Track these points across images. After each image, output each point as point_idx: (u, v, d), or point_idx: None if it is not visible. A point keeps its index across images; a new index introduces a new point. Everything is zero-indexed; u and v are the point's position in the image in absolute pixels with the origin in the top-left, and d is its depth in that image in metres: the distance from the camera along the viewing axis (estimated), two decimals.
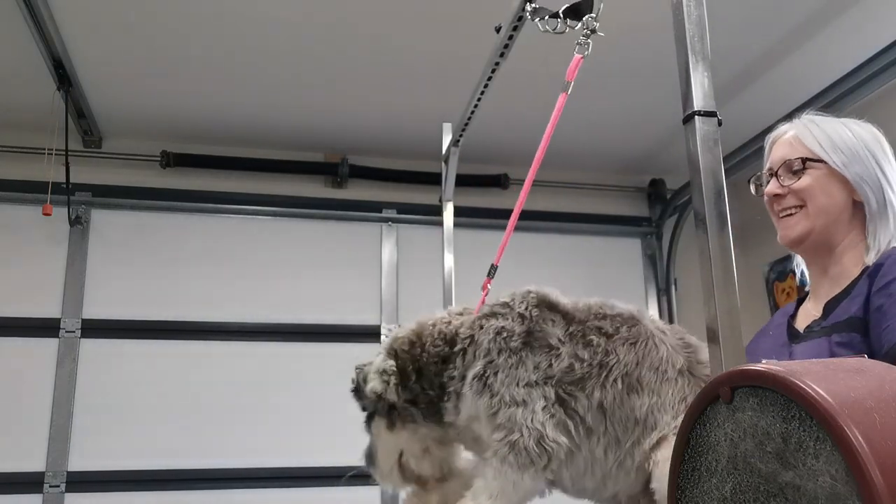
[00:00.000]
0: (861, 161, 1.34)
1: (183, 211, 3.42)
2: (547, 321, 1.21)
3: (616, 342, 1.18)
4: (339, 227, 3.58)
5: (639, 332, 1.20)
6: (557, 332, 1.19)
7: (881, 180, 1.34)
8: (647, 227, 3.93)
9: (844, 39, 2.72)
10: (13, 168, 3.23)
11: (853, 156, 1.34)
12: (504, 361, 1.18)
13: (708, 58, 0.93)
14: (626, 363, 1.16)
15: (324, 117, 3.34)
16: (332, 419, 3.30)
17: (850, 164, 1.34)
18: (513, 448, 1.12)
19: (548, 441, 1.12)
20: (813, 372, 0.64)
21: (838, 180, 1.34)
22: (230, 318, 3.34)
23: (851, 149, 1.35)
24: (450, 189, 2.21)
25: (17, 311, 3.14)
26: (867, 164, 1.34)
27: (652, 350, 1.18)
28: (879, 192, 1.34)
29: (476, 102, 1.92)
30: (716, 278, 0.86)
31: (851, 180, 1.34)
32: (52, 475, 3.01)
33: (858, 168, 1.34)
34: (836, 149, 1.35)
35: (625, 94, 3.13)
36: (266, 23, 2.63)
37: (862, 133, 1.38)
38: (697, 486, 0.72)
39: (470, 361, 1.23)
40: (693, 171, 0.90)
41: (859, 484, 0.55)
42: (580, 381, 1.16)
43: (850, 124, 1.39)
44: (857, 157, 1.34)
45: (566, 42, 1.44)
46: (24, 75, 2.87)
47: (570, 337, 1.19)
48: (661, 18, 1.01)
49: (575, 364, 1.16)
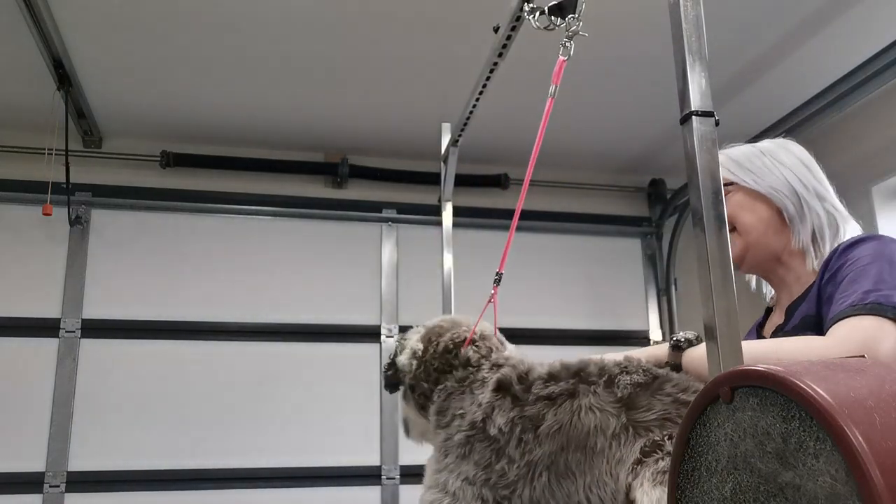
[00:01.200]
0: (770, 172, 1.43)
1: (183, 211, 3.42)
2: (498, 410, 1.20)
3: (541, 434, 1.14)
4: (339, 227, 3.58)
5: (565, 411, 1.14)
6: (500, 422, 1.18)
7: (793, 184, 1.41)
8: (647, 227, 3.93)
9: (844, 39, 2.72)
10: (13, 168, 3.23)
11: (761, 170, 1.43)
12: (456, 448, 1.21)
13: (705, 58, 0.93)
14: (551, 453, 1.13)
15: (324, 117, 3.34)
16: (332, 419, 3.31)
17: (760, 179, 1.43)
18: None
19: None
20: (813, 372, 0.64)
21: (756, 197, 1.43)
22: (230, 318, 3.34)
23: (758, 165, 1.44)
24: (449, 189, 2.22)
25: (17, 311, 3.14)
26: (776, 174, 1.42)
27: (577, 427, 1.12)
28: (794, 197, 1.41)
29: (475, 102, 1.92)
30: (714, 278, 0.86)
31: (765, 192, 1.42)
32: (52, 475, 3.01)
33: (769, 179, 1.42)
34: (743, 169, 1.44)
35: (625, 94, 3.13)
36: (266, 23, 2.63)
37: (769, 147, 1.48)
38: (697, 486, 0.72)
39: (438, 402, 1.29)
40: (691, 171, 0.90)
41: (859, 484, 0.55)
42: (512, 483, 1.14)
43: (760, 144, 1.49)
44: (765, 171, 1.43)
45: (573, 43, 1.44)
46: (24, 75, 2.87)
47: (511, 426, 1.17)
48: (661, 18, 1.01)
49: (506, 468, 1.15)
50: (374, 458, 3.33)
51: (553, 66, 1.42)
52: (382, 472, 3.32)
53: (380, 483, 3.30)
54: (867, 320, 1.15)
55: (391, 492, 3.30)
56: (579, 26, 1.41)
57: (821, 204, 1.41)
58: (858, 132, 3.05)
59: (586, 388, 1.15)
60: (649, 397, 1.11)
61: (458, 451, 1.19)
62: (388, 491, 3.30)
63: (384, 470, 3.32)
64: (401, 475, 3.32)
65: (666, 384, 1.12)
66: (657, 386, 1.12)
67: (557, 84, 1.43)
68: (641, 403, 1.10)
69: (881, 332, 1.12)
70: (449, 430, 1.23)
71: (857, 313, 1.16)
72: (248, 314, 3.36)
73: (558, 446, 1.12)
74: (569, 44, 1.42)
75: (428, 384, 1.33)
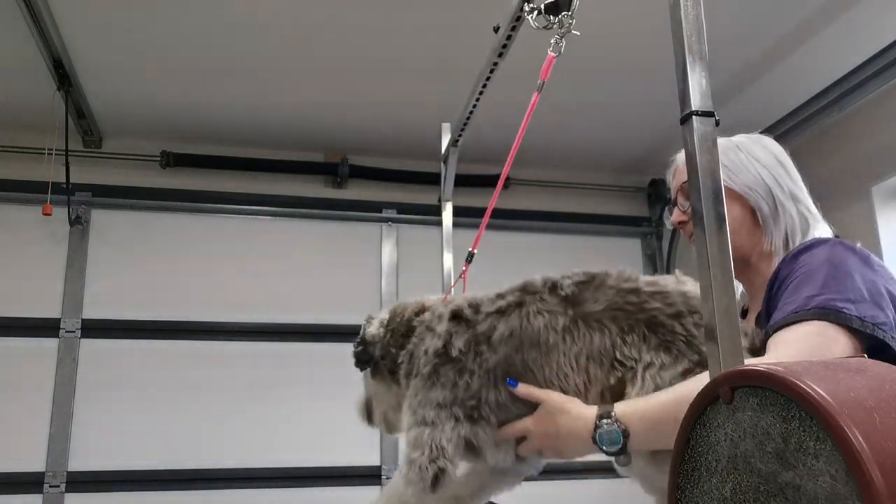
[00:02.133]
0: (746, 170, 1.35)
1: (183, 211, 3.42)
2: (455, 335, 1.25)
3: (494, 342, 1.21)
4: (339, 227, 3.58)
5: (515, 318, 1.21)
6: (459, 344, 1.23)
7: (769, 184, 1.34)
8: (647, 227, 3.93)
9: (844, 39, 2.72)
10: (13, 168, 3.23)
11: (737, 167, 1.35)
12: (422, 382, 1.24)
13: (705, 57, 0.93)
14: (506, 356, 1.19)
15: (324, 117, 3.34)
16: (332, 419, 3.31)
17: (735, 176, 1.35)
18: (411, 466, 1.18)
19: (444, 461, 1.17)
20: (813, 372, 0.64)
21: (730, 195, 1.31)
22: (230, 318, 3.34)
23: (734, 161, 1.36)
24: (449, 189, 2.21)
25: (17, 311, 3.15)
26: (752, 172, 1.35)
27: (527, 329, 1.19)
28: (769, 197, 1.34)
29: (475, 102, 1.92)
30: (714, 278, 0.85)
31: (740, 191, 1.34)
32: (52, 475, 3.01)
33: (744, 177, 1.35)
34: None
35: (625, 94, 3.13)
36: (266, 23, 2.63)
37: (746, 143, 1.39)
38: (697, 486, 0.72)
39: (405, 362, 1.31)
40: (691, 172, 0.90)
41: (859, 484, 0.55)
42: (476, 393, 1.20)
43: (736, 139, 1.41)
44: (741, 167, 1.35)
45: (565, 43, 1.44)
46: (24, 75, 2.87)
47: (468, 346, 1.23)
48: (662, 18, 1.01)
49: (469, 380, 1.20)
50: (374, 458, 3.34)
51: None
52: (382, 472, 3.32)
53: (380, 483, 3.30)
54: (809, 325, 1.08)
55: None
56: (572, 23, 1.41)
57: (795, 205, 1.34)
58: (858, 132, 3.05)
59: (532, 297, 1.22)
60: (593, 292, 1.19)
61: (427, 383, 1.23)
62: None
63: (384, 470, 3.32)
64: None
65: (607, 279, 1.20)
66: (598, 282, 1.20)
67: (545, 80, 1.42)
68: (586, 298, 1.18)
69: (823, 339, 1.06)
70: (418, 369, 1.27)
71: (799, 319, 1.09)
72: (248, 314, 3.36)
73: (512, 349, 1.19)
74: (561, 41, 1.41)
75: (395, 349, 1.35)
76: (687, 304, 1.14)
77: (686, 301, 1.14)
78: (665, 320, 1.13)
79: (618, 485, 1.39)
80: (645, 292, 1.17)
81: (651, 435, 1.07)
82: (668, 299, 1.15)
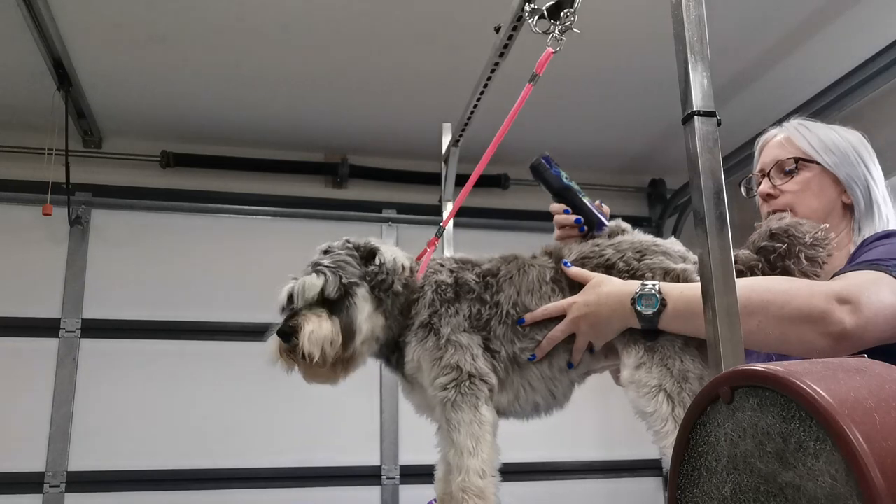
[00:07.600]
0: (850, 162, 1.39)
1: (183, 211, 3.42)
2: (464, 270, 1.36)
3: (501, 278, 1.33)
4: (339, 227, 3.58)
5: (513, 266, 1.35)
6: (472, 278, 1.34)
7: (869, 181, 1.39)
8: (646, 228, 3.93)
9: (844, 39, 2.72)
10: (13, 168, 3.23)
11: (843, 157, 1.39)
12: (445, 311, 1.31)
13: (707, 58, 0.93)
14: (509, 296, 1.31)
15: (324, 117, 3.34)
16: (332, 419, 3.31)
17: (841, 165, 1.39)
18: (459, 389, 1.23)
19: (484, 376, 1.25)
20: (813, 372, 0.64)
21: (830, 181, 1.39)
22: (230, 318, 3.33)
23: (842, 150, 1.40)
24: (450, 189, 2.21)
25: (17, 311, 3.14)
26: (856, 166, 1.39)
27: (524, 277, 1.32)
28: (867, 193, 1.38)
29: (476, 102, 1.92)
30: (715, 278, 0.86)
31: (843, 181, 1.39)
32: (52, 475, 3.01)
33: (848, 169, 1.39)
34: (827, 150, 1.40)
35: (625, 94, 3.13)
36: (266, 23, 2.63)
37: (849, 136, 1.43)
38: (697, 486, 0.72)
39: (418, 311, 1.34)
40: (692, 171, 0.90)
41: (859, 484, 0.55)
42: (486, 323, 1.29)
43: (837, 129, 1.45)
44: (846, 159, 1.39)
45: (566, 42, 1.44)
46: (24, 75, 2.87)
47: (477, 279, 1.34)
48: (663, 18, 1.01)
49: (482, 310, 1.30)
50: (374, 458, 3.33)
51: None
52: (382, 472, 3.32)
53: (380, 483, 3.30)
54: (866, 273, 1.15)
55: (391, 492, 3.30)
56: (574, 20, 1.40)
57: (885, 208, 1.39)
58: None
59: (524, 259, 1.37)
60: (572, 248, 1.35)
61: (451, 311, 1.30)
62: (388, 491, 3.30)
63: (384, 470, 3.32)
64: (401, 475, 3.32)
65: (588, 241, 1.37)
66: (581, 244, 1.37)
67: (540, 73, 1.42)
68: (564, 254, 1.34)
69: (879, 283, 1.11)
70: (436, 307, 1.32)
71: (857, 269, 1.17)
72: (248, 314, 3.36)
73: (514, 290, 1.31)
74: (560, 37, 1.41)
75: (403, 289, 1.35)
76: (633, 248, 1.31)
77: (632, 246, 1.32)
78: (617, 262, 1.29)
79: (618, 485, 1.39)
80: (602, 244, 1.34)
81: (686, 314, 1.12)
82: (620, 247, 1.32)
